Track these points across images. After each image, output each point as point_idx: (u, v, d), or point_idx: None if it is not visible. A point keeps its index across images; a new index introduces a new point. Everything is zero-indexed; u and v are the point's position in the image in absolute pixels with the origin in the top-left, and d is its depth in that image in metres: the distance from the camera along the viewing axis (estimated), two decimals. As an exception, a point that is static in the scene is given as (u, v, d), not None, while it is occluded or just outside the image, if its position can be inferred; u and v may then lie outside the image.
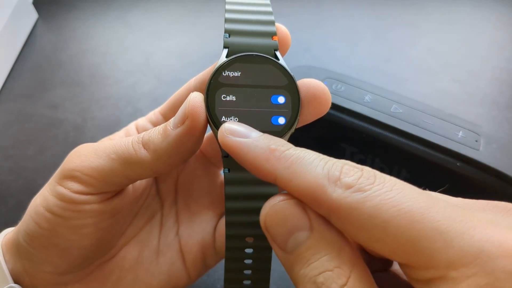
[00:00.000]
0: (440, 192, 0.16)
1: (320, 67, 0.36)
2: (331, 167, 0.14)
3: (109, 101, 0.44)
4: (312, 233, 0.14)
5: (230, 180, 0.18)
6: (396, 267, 0.19)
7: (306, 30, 0.51)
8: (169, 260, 0.24)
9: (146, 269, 0.23)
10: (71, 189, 0.19)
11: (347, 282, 0.13)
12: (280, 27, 0.20)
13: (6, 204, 0.36)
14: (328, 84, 0.33)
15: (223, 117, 0.18)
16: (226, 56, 0.18)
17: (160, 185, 0.25)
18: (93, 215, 0.20)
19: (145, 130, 0.21)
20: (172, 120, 0.19)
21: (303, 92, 0.19)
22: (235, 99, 0.18)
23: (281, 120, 0.18)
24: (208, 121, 0.18)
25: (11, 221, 0.23)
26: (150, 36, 0.51)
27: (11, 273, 0.21)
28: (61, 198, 0.19)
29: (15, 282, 0.21)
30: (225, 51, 0.19)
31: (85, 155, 0.19)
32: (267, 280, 0.21)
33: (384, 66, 0.47)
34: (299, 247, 0.14)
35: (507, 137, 0.40)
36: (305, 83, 0.19)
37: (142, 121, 0.25)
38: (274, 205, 0.15)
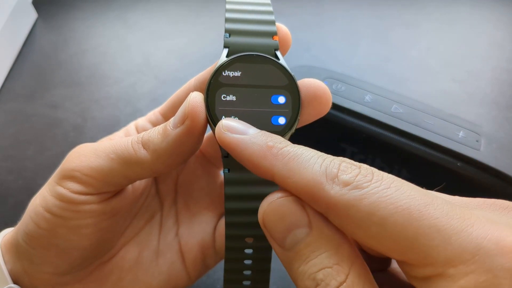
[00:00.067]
0: (438, 191, 0.16)
1: (321, 67, 0.36)
2: (329, 164, 0.14)
3: (109, 101, 0.44)
4: (311, 230, 0.14)
5: (230, 181, 0.18)
6: (394, 267, 0.19)
7: (307, 30, 0.51)
8: (169, 261, 0.24)
9: (146, 270, 0.23)
10: (71, 189, 0.19)
11: (346, 279, 0.13)
12: (281, 27, 0.20)
13: (6, 204, 0.35)
14: (329, 84, 0.33)
15: (223, 117, 0.18)
16: (227, 56, 0.18)
17: (160, 185, 0.25)
18: (93, 215, 0.20)
19: (145, 130, 0.21)
20: (172, 120, 0.19)
21: (304, 92, 0.19)
22: (235, 99, 0.18)
23: (281, 120, 0.18)
24: (208, 121, 0.18)
25: (11, 221, 0.23)
26: (150, 36, 0.51)
27: (11, 274, 0.21)
28: (61, 198, 0.19)
29: (15, 283, 0.21)
30: (226, 51, 0.18)
31: (85, 155, 0.19)
32: (267, 281, 0.21)
33: (384, 66, 0.47)
34: (298, 244, 0.14)
35: (508, 137, 0.40)
36: (306, 83, 0.19)
37: (142, 121, 0.25)
38: (272, 202, 0.15)
